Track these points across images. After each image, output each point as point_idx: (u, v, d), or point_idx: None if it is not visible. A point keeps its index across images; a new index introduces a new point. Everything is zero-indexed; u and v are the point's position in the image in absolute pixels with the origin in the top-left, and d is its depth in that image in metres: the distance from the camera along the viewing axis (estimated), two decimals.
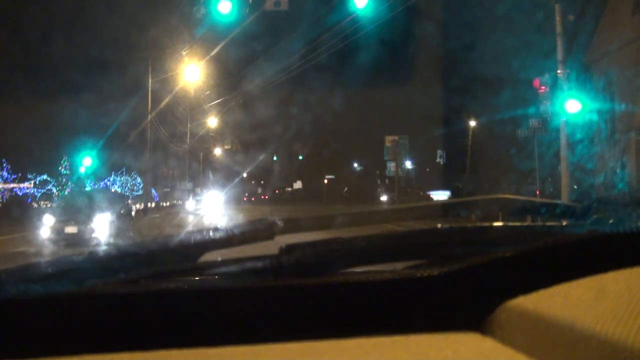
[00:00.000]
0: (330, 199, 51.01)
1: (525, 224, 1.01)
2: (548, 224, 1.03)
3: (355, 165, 60.64)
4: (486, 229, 0.97)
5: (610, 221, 0.85)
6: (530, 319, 0.73)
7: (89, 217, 11.13)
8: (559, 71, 11.93)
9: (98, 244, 10.63)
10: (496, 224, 0.99)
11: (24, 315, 0.80)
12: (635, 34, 14.31)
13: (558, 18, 12.23)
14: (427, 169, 47.25)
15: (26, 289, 0.80)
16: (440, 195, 34.53)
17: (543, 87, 12.59)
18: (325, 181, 60.48)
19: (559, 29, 12.23)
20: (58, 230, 10.92)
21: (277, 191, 63.95)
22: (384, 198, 41.66)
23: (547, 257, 0.85)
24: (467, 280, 0.86)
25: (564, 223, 1.08)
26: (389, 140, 42.53)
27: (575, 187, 12.71)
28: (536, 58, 12.84)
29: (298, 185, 62.20)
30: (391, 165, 43.06)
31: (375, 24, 14.64)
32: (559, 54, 12.08)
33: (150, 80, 22.50)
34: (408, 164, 46.64)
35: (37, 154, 25.65)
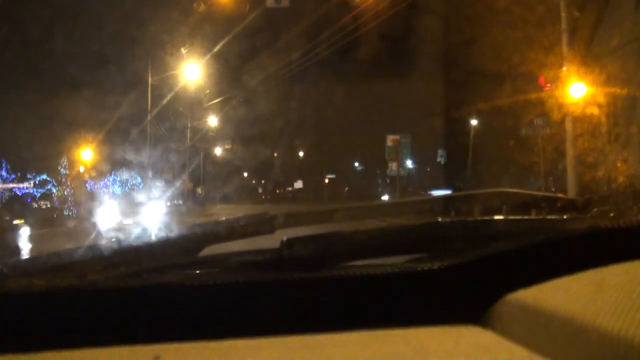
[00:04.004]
0: (331, 198, 50.93)
1: (526, 217, 1.01)
2: (549, 217, 1.03)
3: (357, 164, 60.55)
4: (487, 223, 0.98)
5: (611, 215, 0.85)
6: (531, 313, 0.73)
7: None
8: (563, 67, 11.92)
9: None
10: (497, 217, 0.99)
11: (25, 309, 0.80)
12: (638, 29, 14.26)
13: (562, 14, 12.19)
14: (428, 168, 47.13)
15: (28, 282, 0.80)
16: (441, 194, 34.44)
17: (548, 85, 12.59)
18: (326, 180, 60.39)
19: (563, 24, 12.20)
20: None
21: (277, 190, 63.88)
22: (385, 197, 41.63)
23: (547, 251, 0.85)
24: (467, 274, 0.86)
25: (565, 217, 1.08)
26: (390, 139, 42.39)
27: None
28: (539, 54, 12.79)
29: (299, 184, 62.07)
30: (392, 165, 42.98)
31: (376, 21, 14.62)
32: (563, 50, 12.06)
33: (150, 79, 22.50)
34: (409, 163, 46.54)
35: (37, 153, 25.54)
